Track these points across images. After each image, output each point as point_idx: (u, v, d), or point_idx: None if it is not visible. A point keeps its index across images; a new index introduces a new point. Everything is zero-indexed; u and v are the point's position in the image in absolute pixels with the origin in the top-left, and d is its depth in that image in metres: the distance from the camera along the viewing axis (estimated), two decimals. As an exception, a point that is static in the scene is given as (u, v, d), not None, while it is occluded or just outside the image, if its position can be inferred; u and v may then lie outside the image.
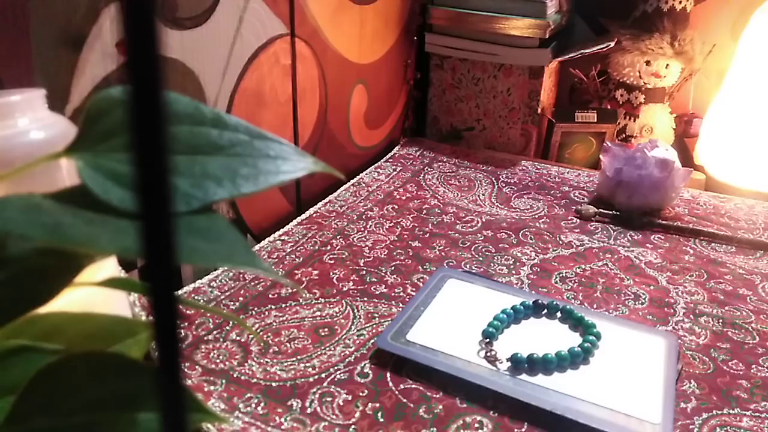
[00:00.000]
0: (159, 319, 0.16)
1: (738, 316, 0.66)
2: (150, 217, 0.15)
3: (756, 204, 0.92)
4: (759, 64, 0.95)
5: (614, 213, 0.86)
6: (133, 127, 0.14)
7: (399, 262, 0.72)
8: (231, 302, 0.64)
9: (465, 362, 0.55)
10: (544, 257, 0.75)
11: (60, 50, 0.52)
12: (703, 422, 0.52)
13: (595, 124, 1.07)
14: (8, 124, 0.38)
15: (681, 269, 0.74)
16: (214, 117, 0.26)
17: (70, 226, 0.21)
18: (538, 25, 0.99)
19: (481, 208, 0.88)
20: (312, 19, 0.82)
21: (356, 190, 0.91)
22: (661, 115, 1.09)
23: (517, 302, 0.62)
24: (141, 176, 0.15)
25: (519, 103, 1.07)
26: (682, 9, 1.03)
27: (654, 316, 0.65)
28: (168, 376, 0.16)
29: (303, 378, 0.54)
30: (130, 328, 0.30)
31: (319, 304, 0.64)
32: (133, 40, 0.14)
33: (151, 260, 0.15)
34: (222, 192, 0.24)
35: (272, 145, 0.26)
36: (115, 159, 0.24)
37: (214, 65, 0.68)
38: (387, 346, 0.56)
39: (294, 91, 0.82)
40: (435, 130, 1.15)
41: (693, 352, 0.60)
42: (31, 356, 0.26)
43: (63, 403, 0.23)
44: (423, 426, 0.49)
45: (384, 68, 1.03)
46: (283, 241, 0.76)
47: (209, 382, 0.52)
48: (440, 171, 1.00)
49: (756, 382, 0.56)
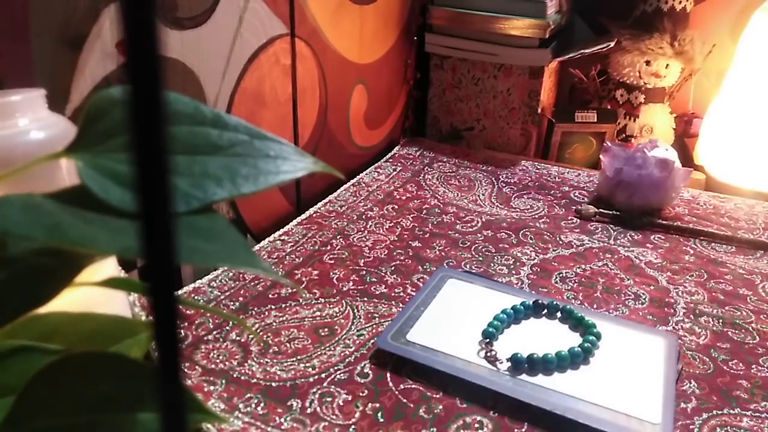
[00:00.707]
0: (159, 319, 0.16)
1: (738, 316, 0.66)
2: (150, 217, 0.15)
3: (756, 204, 0.92)
4: (759, 64, 0.95)
5: (614, 213, 0.86)
6: (133, 127, 0.14)
7: (399, 262, 0.72)
8: (231, 302, 0.64)
9: (465, 362, 0.55)
10: (544, 257, 0.75)
11: (60, 50, 0.52)
12: (703, 422, 0.52)
13: (595, 124, 1.07)
14: (8, 124, 0.38)
15: (681, 269, 0.74)
16: (214, 117, 0.26)
17: (70, 226, 0.21)
18: (538, 25, 0.99)
19: (481, 208, 0.88)
20: (312, 19, 0.82)
21: (356, 190, 0.91)
22: (661, 115, 1.09)
23: (517, 302, 0.62)
24: (141, 176, 0.15)
25: (519, 103, 1.07)
26: (682, 9, 1.03)
27: (654, 316, 0.65)
28: (168, 376, 0.16)
29: (303, 378, 0.54)
30: (130, 328, 0.30)
31: (319, 304, 0.64)
32: (133, 40, 0.14)
33: (151, 260, 0.15)
34: (222, 192, 0.24)
35: (272, 145, 0.26)
36: (114, 159, 0.24)
37: (214, 65, 0.68)
38: (387, 346, 0.56)
39: (294, 91, 0.82)
40: (435, 130, 1.15)
41: (693, 352, 0.60)
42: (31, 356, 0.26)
43: (63, 403, 0.23)
44: (423, 426, 0.49)
45: (384, 68, 1.03)
46: (283, 241, 0.76)
47: (209, 382, 0.52)
48: (440, 171, 1.00)
49: (756, 382, 0.56)
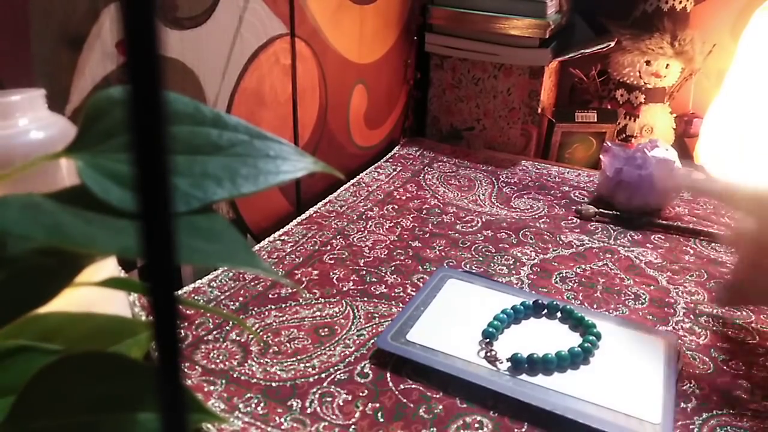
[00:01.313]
0: (159, 319, 0.16)
1: (738, 316, 0.66)
2: (150, 217, 0.15)
3: (756, 204, 0.92)
4: (759, 64, 0.95)
5: (614, 213, 0.86)
6: (133, 127, 0.14)
7: (399, 262, 0.72)
8: (231, 302, 0.64)
9: (465, 362, 0.55)
10: (544, 257, 0.75)
11: (60, 50, 0.52)
12: (703, 422, 0.52)
13: (595, 124, 1.06)
14: (8, 124, 0.38)
15: (681, 269, 0.74)
16: (214, 117, 0.26)
17: (70, 226, 0.21)
18: (538, 25, 0.99)
19: (481, 208, 0.88)
20: (312, 19, 0.82)
21: (356, 190, 0.91)
22: (661, 115, 1.09)
23: (517, 302, 0.62)
24: (141, 176, 0.15)
25: (519, 103, 1.07)
26: (682, 9, 1.03)
27: (654, 316, 0.65)
28: (168, 376, 0.16)
29: (303, 378, 0.54)
30: (130, 328, 0.30)
31: (319, 304, 0.64)
32: (133, 40, 0.14)
33: (151, 260, 0.15)
34: (222, 192, 0.24)
35: (272, 145, 0.26)
36: (114, 159, 0.24)
37: (214, 65, 0.68)
38: (387, 346, 0.56)
39: (294, 91, 0.82)
40: (435, 130, 1.15)
41: (693, 352, 0.60)
42: (31, 356, 0.26)
43: (63, 403, 0.23)
44: (423, 426, 0.49)
45: (384, 68, 1.03)
46: (283, 241, 0.76)
47: (209, 382, 0.52)
48: (440, 171, 1.00)
49: (756, 382, 0.56)
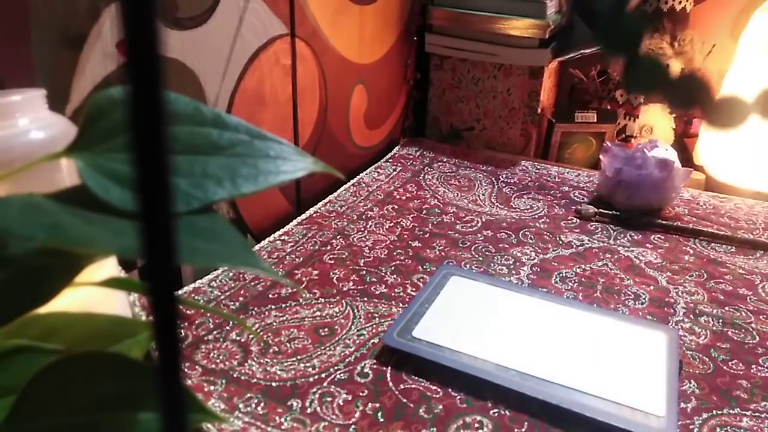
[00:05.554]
0: (159, 319, 0.16)
1: (738, 316, 0.66)
2: (150, 217, 0.15)
3: (756, 204, 0.92)
4: (759, 64, 0.95)
5: (614, 213, 0.86)
6: (133, 127, 0.14)
7: (399, 262, 0.72)
8: (231, 302, 0.64)
9: (471, 358, 0.55)
10: (544, 257, 0.75)
11: (60, 50, 0.52)
12: (703, 422, 0.52)
13: (595, 124, 1.07)
14: (8, 124, 0.38)
15: (681, 269, 0.74)
16: (214, 117, 0.26)
17: (70, 226, 0.21)
18: (538, 25, 0.99)
19: (481, 208, 0.88)
20: (312, 19, 0.82)
21: (356, 190, 0.91)
22: (661, 115, 1.09)
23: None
24: (141, 176, 0.15)
25: (519, 103, 1.07)
26: (682, 9, 1.03)
27: (654, 315, 0.65)
28: (168, 376, 0.16)
29: (303, 378, 0.54)
30: (130, 328, 0.30)
31: (319, 304, 0.64)
32: (133, 40, 0.14)
33: (151, 260, 0.15)
34: (222, 192, 0.24)
35: (272, 145, 0.26)
36: (115, 159, 0.24)
37: (214, 65, 0.68)
38: (394, 343, 0.56)
39: (294, 91, 0.82)
40: (435, 130, 1.15)
41: (693, 352, 0.60)
42: (31, 356, 0.26)
43: (63, 403, 0.23)
44: (423, 426, 0.49)
45: (384, 68, 1.03)
46: (283, 241, 0.76)
47: (209, 382, 0.52)
48: (440, 171, 0.99)
49: (756, 382, 0.56)
